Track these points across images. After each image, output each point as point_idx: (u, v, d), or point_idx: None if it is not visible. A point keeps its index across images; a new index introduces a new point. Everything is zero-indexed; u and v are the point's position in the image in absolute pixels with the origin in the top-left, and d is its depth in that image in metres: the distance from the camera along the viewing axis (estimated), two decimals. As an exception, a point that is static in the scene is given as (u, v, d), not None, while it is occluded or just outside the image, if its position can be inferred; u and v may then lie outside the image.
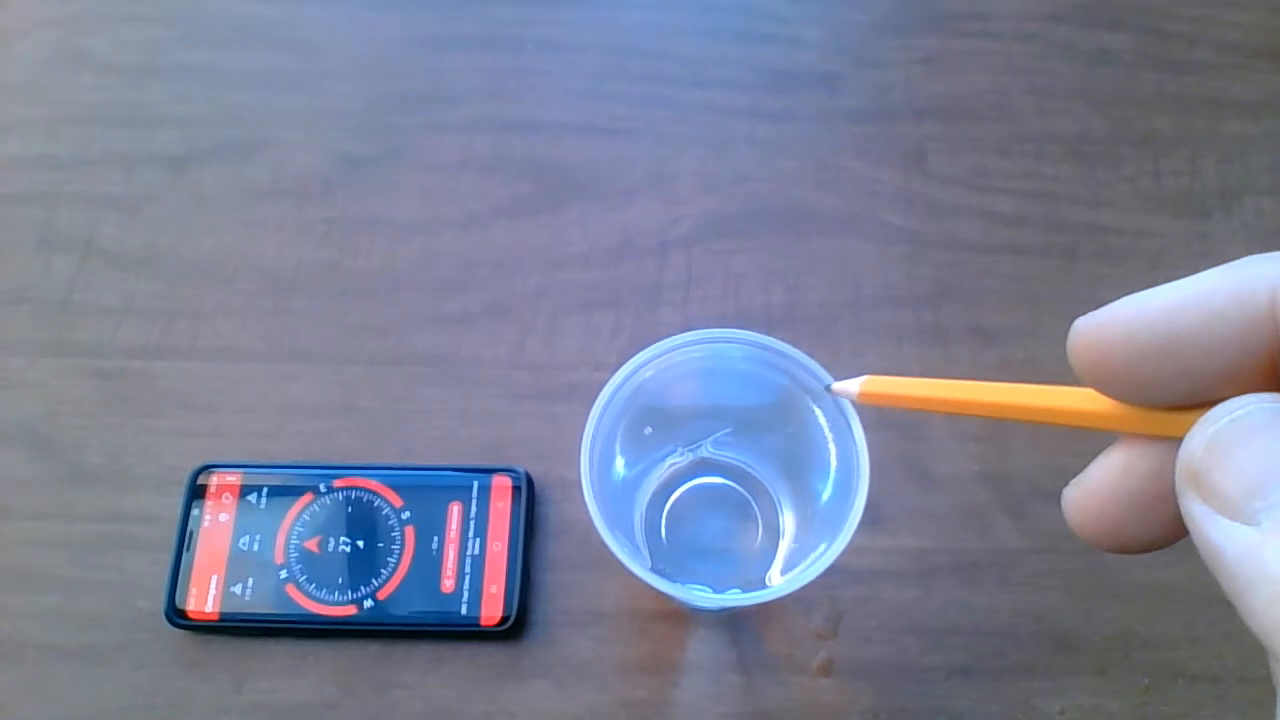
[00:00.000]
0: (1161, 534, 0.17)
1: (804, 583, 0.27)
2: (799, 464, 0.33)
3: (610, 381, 0.30)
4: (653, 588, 0.27)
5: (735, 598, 0.27)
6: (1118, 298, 0.16)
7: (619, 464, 0.33)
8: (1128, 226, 0.45)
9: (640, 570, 0.27)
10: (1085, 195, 0.46)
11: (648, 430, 0.33)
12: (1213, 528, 0.13)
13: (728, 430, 0.34)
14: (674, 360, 0.30)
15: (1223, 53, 0.49)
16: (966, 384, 0.21)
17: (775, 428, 0.33)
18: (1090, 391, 0.17)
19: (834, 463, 0.29)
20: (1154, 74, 0.49)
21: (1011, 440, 0.40)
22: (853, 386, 0.25)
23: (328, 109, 0.48)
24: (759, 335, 0.29)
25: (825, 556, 0.27)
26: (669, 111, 0.48)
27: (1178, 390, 0.15)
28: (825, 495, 0.31)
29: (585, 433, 0.28)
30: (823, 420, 0.29)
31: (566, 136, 0.47)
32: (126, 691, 0.37)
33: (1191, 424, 0.14)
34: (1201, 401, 0.15)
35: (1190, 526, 0.14)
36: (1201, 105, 0.48)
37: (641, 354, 0.30)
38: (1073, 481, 0.18)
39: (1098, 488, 0.17)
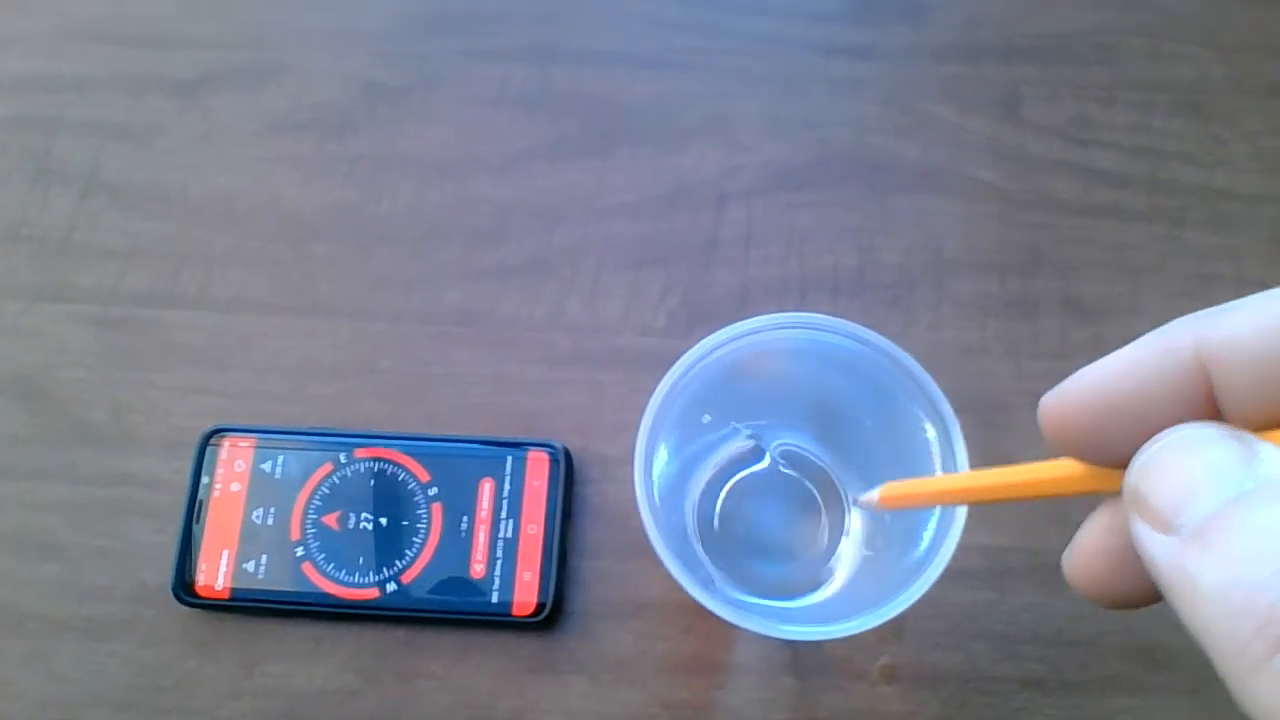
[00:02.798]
0: (1151, 587, 0.17)
1: (888, 618, 0.23)
2: (879, 464, 0.29)
3: (672, 370, 0.26)
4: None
5: (816, 631, 0.24)
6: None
7: (669, 451, 0.29)
8: (1245, 191, 0.40)
9: (720, 607, 0.23)
10: (1199, 153, 0.41)
11: (706, 418, 0.29)
12: (1149, 542, 0.15)
13: (806, 434, 0.30)
14: (747, 344, 0.26)
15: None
16: (965, 474, 0.22)
17: (855, 425, 0.29)
18: (1067, 460, 0.18)
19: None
20: (1283, 13, 0.43)
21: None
22: (874, 495, 0.25)
23: (352, 30, 0.44)
24: (858, 327, 0.25)
25: (921, 583, 0.23)
26: (732, 43, 0.43)
27: (1135, 447, 0.16)
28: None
29: (640, 435, 0.24)
30: (931, 434, 0.25)
31: (617, 69, 0.43)
32: (132, 670, 0.34)
33: None
34: None
35: (1136, 546, 0.15)
36: (1337, 51, 0.42)
37: (714, 336, 0.26)
38: (1070, 544, 0.19)
39: (1086, 545, 0.18)
